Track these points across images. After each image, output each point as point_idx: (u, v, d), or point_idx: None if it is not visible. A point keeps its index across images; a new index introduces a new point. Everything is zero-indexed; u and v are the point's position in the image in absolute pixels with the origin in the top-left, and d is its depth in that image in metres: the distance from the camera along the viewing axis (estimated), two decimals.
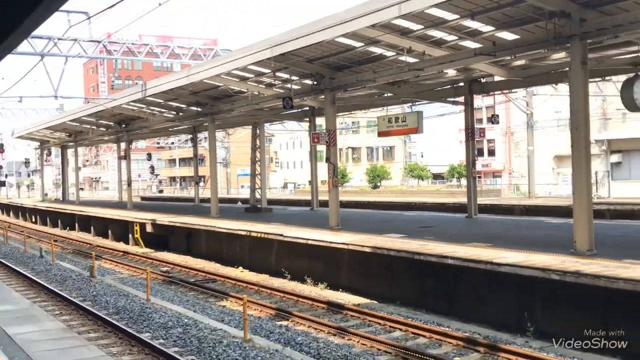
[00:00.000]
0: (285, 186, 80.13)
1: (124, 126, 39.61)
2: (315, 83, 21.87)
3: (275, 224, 23.15)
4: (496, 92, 26.97)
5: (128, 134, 40.61)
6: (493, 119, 28.63)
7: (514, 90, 28.51)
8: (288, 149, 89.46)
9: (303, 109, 30.56)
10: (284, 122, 44.27)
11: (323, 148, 23.37)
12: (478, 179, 33.62)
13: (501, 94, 31.14)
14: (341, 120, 56.26)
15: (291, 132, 65.62)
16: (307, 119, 32.20)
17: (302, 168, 77.63)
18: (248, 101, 26.13)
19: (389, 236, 18.52)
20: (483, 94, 25.63)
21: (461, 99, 24.03)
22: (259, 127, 33.91)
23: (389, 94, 24.06)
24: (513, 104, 41.03)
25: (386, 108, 29.62)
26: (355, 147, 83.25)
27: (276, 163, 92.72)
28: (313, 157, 32.47)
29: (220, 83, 24.99)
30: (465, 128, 23.91)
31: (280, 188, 77.94)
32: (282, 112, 30.70)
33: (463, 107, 23.95)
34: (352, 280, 17.59)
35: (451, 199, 38.99)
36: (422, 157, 79.95)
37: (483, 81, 22.71)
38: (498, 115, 29.80)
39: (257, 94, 25.46)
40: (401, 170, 76.31)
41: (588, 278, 11.46)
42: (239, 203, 43.72)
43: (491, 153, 63.17)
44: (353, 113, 42.40)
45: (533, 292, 12.62)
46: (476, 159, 24.72)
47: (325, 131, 22.36)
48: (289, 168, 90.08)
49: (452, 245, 15.89)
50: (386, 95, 24.69)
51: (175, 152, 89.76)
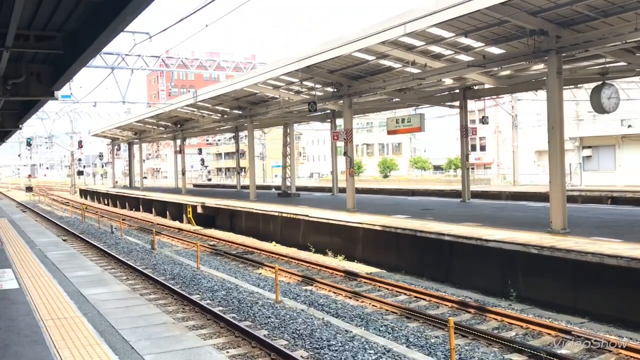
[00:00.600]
0: (311, 176, 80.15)
1: (179, 126, 39.83)
2: (335, 90, 21.82)
3: (302, 207, 23.19)
4: (486, 97, 26.72)
5: (182, 133, 40.84)
6: (483, 120, 28.34)
7: (501, 95, 28.21)
8: (314, 145, 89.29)
9: (325, 112, 30.46)
10: (310, 123, 44.19)
11: (342, 144, 23.28)
12: (471, 170, 33.28)
13: (490, 99, 30.85)
14: (357, 121, 55.84)
15: (317, 131, 65.46)
16: (329, 120, 32.11)
17: (325, 161, 77.45)
18: (280, 105, 26.14)
19: (396, 217, 18.48)
20: (475, 99, 25.34)
21: (457, 103, 23.82)
22: (289, 127, 33.97)
23: (397, 99, 23.88)
24: (501, 108, 40.61)
25: (394, 111, 29.47)
26: (368, 143, 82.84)
27: (304, 156, 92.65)
28: (333, 152, 32.46)
29: (257, 90, 25.01)
30: (460, 127, 23.74)
31: (307, 177, 77.99)
32: (308, 115, 30.64)
33: (459, 110, 23.72)
34: (366, 253, 17.59)
35: (448, 187, 38.78)
36: (425, 152, 79.40)
37: (475, 88, 22.48)
38: (488, 116, 29.53)
39: (288, 100, 25.43)
40: (407, 162, 75.96)
41: (562, 252, 11.38)
42: (273, 189, 43.82)
43: (482, 148, 62.64)
44: (367, 115, 42.10)
45: (515, 264, 12.53)
46: (469, 153, 24.50)
47: (343, 130, 22.29)
48: (315, 161, 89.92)
49: (449, 224, 15.83)
50: (394, 100, 24.52)
51: (221, 148, 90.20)
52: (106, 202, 50.31)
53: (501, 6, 12.43)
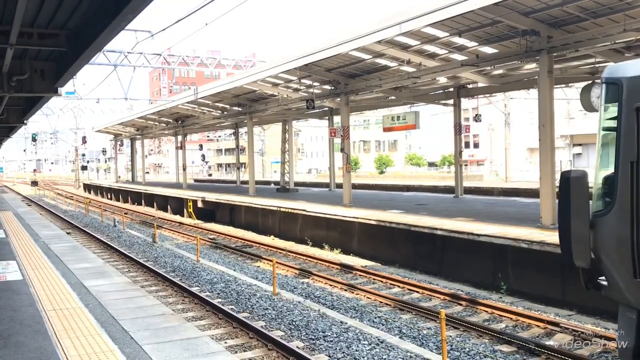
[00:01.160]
0: (309, 171, 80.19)
1: (180, 122, 39.76)
2: (332, 88, 21.81)
3: (300, 202, 23.20)
4: (480, 96, 26.69)
5: (183, 129, 40.78)
6: (477, 118, 28.36)
7: (494, 94, 28.19)
8: (312, 141, 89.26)
9: (323, 109, 30.43)
10: (308, 120, 44.14)
11: (339, 141, 23.29)
12: (464, 167, 33.28)
13: (484, 97, 30.81)
14: (354, 118, 56.02)
15: (315, 127, 65.43)
16: (327, 117, 32.07)
17: (323, 157, 77.49)
18: (279, 103, 26.13)
19: (391, 212, 18.51)
20: (469, 97, 25.33)
21: (451, 102, 23.79)
22: (288, 124, 33.91)
23: (393, 97, 23.87)
24: (494, 106, 40.59)
25: (390, 108, 29.48)
26: (365, 140, 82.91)
27: (302, 153, 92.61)
28: (331, 148, 32.42)
29: (256, 88, 24.97)
30: (454, 125, 23.73)
31: (305, 173, 78.01)
32: (306, 112, 30.63)
33: (453, 108, 23.72)
34: (361, 246, 17.62)
35: (442, 182, 38.74)
36: (420, 149, 79.45)
37: (469, 87, 22.49)
38: (481, 114, 29.47)
39: (286, 97, 25.42)
40: (403, 159, 75.97)
41: (550, 247, 11.40)
42: (272, 185, 43.82)
43: (476, 145, 62.60)
44: (363, 112, 42.23)
45: (506, 258, 12.56)
46: (462, 150, 24.53)
47: (340, 127, 22.29)
48: (313, 157, 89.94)
49: (442, 219, 15.86)
50: (390, 98, 24.50)
51: (221, 144, 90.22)
52: (109, 197, 50.24)
53: (494, 7, 12.43)
